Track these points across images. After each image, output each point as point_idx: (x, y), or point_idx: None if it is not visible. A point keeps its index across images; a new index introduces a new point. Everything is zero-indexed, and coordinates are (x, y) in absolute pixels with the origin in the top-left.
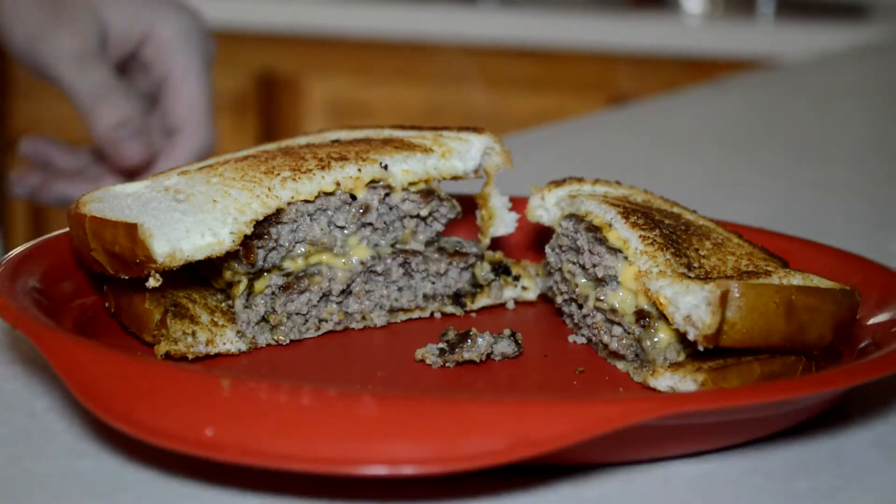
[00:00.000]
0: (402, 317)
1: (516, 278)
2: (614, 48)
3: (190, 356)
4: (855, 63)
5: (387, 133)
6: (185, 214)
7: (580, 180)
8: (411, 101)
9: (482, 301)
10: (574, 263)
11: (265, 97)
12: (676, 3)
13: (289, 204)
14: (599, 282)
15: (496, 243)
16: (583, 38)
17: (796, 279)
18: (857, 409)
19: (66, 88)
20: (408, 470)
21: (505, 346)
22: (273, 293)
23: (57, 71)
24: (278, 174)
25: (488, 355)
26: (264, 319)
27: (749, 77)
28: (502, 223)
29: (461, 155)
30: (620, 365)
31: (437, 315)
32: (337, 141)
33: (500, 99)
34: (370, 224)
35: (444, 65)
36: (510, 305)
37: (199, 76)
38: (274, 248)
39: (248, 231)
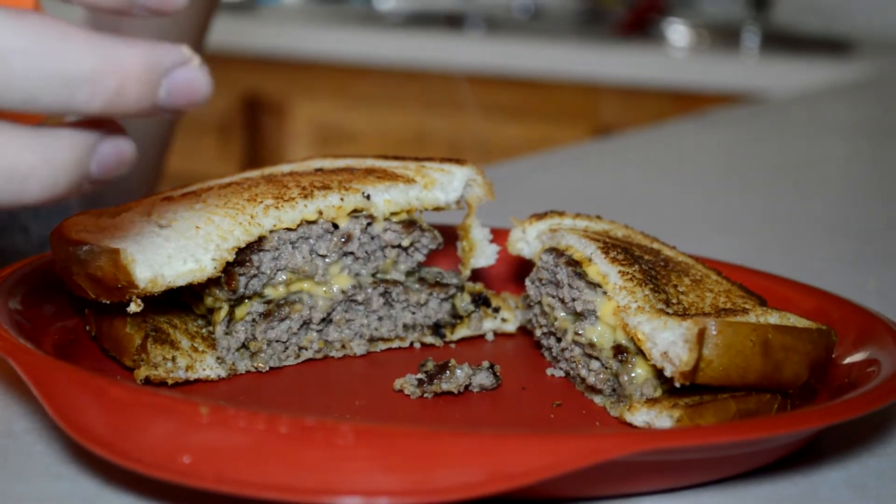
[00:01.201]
0: (381, 346)
1: (496, 310)
2: (600, 79)
3: (169, 381)
4: (839, 98)
5: (370, 163)
6: (168, 240)
7: (561, 214)
8: (396, 126)
9: (462, 332)
10: (553, 297)
11: (251, 120)
12: (662, 36)
13: (271, 231)
14: (578, 316)
15: (477, 275)
16: (568, 68)
17: (773, 318)
18: (831, 448)
19: None
20: (383, 501)
21: (483, 378)
22: (254, 320)
23: None
24: (261, 202)
25: (466, 387)
26: (244, 346)
27: (733, 111)
28: (483, 255)
29: (443, 186)
30: (597, 399)
31: (417, 345)
32: (320, 169)
33: (485, 127)
34: (352, 253)
35: (429, 91)
36: (489, 337)
37: None
38: (255, 276)
39: (230, 258)
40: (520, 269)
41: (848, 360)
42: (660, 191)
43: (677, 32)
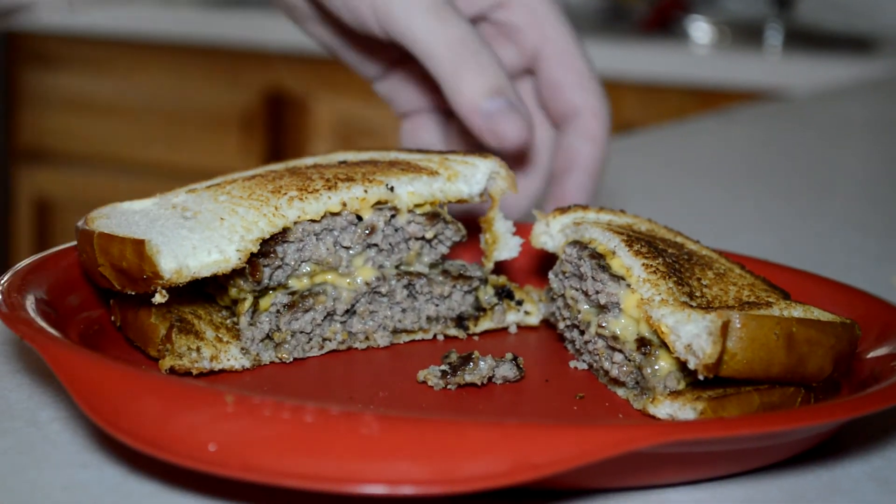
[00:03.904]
0: (405, 338)
1: (519, 303)
2: (622, 75)
3: (194, 371)
4: (861, 96)
5: (393, 155)
6: (193, 232)
7: (585, 208)
8: None
9: (485, 324)
10: (577, 290)
11: (273, 115)
12: (684, 33)
13: (295, 223)
14: (602, 309)
15: (500, 267)
16: None
17: (797, 311)
18: (854, 442)
19: (419, 45)
20: (407, 490)
21: (506, 370)
22: (278, 311)
23: (407, 23)
24: (285, 193)
25: (490, 378)
26: (268, 337)
27: (756, 108)
28: (506, 248)
29: (467, 178)
30: (621, 392)
31: (440, 337)
32: (344, 162)
33: None
34: (375, 245)
35: None
36: (512, 329)
37: (580, 49)
38: (280, 267)
39: (255, 249)
40: (542, 262)
41: (871, 355)
42: (682, 188)
43: (700, 29)
